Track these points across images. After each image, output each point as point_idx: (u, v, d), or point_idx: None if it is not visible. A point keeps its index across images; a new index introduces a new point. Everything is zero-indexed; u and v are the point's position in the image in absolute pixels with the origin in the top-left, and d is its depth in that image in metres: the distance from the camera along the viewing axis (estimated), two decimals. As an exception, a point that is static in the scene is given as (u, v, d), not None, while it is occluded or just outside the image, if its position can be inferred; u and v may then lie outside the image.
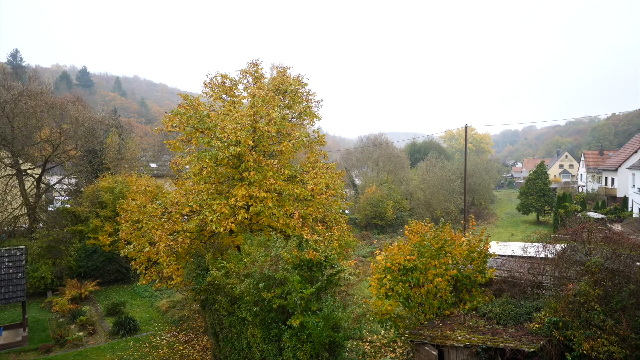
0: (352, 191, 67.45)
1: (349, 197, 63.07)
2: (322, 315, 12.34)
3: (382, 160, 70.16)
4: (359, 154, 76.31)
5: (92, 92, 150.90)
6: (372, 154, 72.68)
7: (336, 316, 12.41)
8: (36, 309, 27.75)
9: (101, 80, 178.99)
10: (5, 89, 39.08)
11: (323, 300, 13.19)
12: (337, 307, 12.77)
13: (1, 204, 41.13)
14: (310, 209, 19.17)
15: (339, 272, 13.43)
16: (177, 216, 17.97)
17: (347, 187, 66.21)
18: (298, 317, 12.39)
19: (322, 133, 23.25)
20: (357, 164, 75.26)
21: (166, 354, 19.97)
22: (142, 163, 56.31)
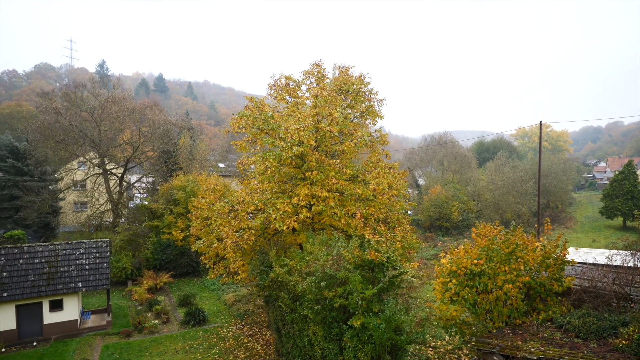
0: (415, 191, 65.82)
1: (412, 198, 61.60)
2: (384, 317, 12.14)
3: (447, 160, 67.70)
4: (423, 153, 74.30)
5: (167, 97, 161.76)
6: (437, 154, 70.40)
7: (398, 319, 12.15)
8: (118, 296, 30.32)
9: (175, 86, 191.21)
10: (94, 97, 43.14)
11: (385, 302, 12.98)
12: (399, 310, 12.50)
13: (90, 200, 45.50)
14: (372, 209, 18.97)
15: (402, 274, 13.13)
16: (243, 214, 18.66)
17: (410, 187, 64.73)
18: (359, 317, 12.30)
19: (384, 132, 22.92)
20: (420, 163, 73.34)
21: (232, 345, 20.83)
22: (211, 163, 59.30)
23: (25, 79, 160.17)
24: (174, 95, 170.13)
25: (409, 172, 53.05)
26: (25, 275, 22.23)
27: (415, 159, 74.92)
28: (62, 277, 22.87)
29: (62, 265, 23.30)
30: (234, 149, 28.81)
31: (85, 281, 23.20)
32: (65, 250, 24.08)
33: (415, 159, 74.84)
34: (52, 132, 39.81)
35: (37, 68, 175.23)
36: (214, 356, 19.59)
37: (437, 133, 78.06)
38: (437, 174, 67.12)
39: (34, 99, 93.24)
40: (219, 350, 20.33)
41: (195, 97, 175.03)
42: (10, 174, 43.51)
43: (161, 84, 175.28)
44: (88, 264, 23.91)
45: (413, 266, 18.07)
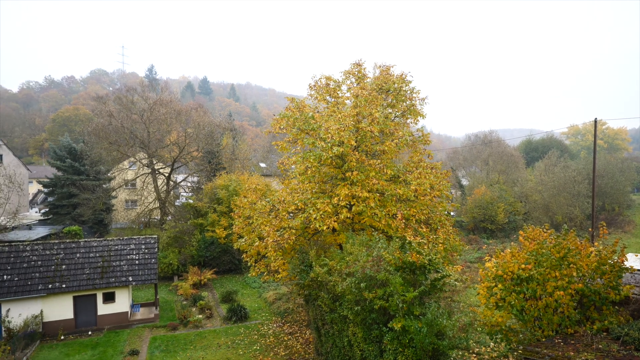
0: (458, 192, 63.99)
1: (455, 199, 59.92)
2: (425, 321, 11.89)
3: (493, 160, 65.27)
4: (466, 152, 72.12)
5: (211, 98, 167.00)
6: (481, 153, 68.08)
7: (440, 323, 11.86)
8: (165, 291, 31.62)
9: (219, 88, 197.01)
10: (144, 100, 45.24)
11: (426, 305, 12.70)
12: (441, 314, 12.19)
13: (139, 198, 47.78)
14: (414, 210, 18.62)
15: (444, 277, 12.80)
16: (284, 213, 18.90)
17: (453, 187, 63.00)
18: (400, 320, 12.11)
19: (426, 131, 22.44)
20: (464, 163, 71.23)
21: (272, 343, 21.15)
22: (253, 163, 60.55)
23: (82, 84, 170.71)
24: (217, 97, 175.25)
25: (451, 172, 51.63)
26: (82, 269, 23.68)
27: (458, 159, 72.80)
28: (114, 271, 24.16)
29: (115, 260, 24.62)
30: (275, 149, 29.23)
31: (135, 275, 24.39)
32: (117, 246, 25.43)
33: (459, 159, 72.72)
34: (105, 133, 42.17)
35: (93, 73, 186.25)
36: (255, 353, 19.98)
37: (482, 132, 75.49)
38: (481, 174, 64.89)
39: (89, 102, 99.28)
40: (260, 347, 20.71)
41: (238, 99, 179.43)
42: (69, 173, 46.56)
43: (205, 86, 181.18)
44: (138, 259, 25.11)
45: (456, 269, 17.57)
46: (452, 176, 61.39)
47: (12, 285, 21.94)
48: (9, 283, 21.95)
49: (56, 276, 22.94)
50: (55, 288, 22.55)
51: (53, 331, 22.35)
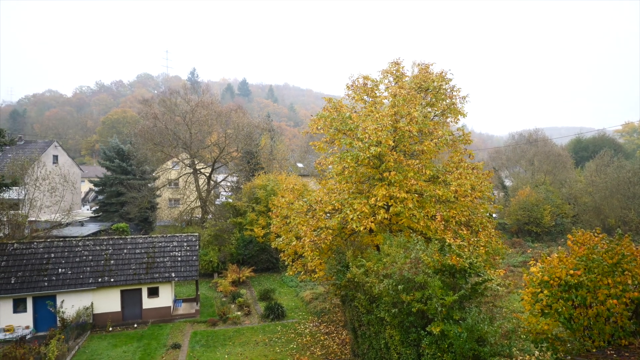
0: (501, 193, 61.74)
1: (498, 200, 57.83)
2: (466, 326, 11.53)
3: (538, 160, 62.46)
4: (510, 152, 69.46)
5: (250, 100, 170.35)
6: (526, 153, 65.33)
7: (481, 329, 11.46)
8: (205, 287, 32.56)
9: (257, 89, 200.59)
10: (186, 102, 46.82)
11: (467, 309, 12.33)
12: (482, 319, 11.79)
13: (182, 197, 49.48)
14: (454, 211, 18.13)
15: (486, 281, 12.37)
16: (321, 213, 18.96)
17: (496, 188, 60.81)
18: (439, 324, 11.83)
19: (467, 131, 21.82)
20: (507, 163, 68.65)
21: (309, 342, 21.27)
22: (291, 163, 61.19)
23: (130, 87, 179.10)
24: (256, 98, 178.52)
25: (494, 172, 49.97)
26: (128, 264, 24.82)
27: (501, 159, 70.25)
28: (158, 267, 25.15)
29: (158, 256, 25.62)
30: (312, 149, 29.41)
31: (178, 272, 25.27)
32: (161, 243, 26.46)
33: (502, 159, 70.16)
34: (150, 135, 44.00)
35: (139, 77, 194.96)
36: (292, 351, 20.16)
37: (527, 130, 72.46)
38: (526, 174, 62.26)
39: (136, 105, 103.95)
40: (297, 345, 20.88)
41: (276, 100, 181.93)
42: (117, 173, 48.97)
43: (245, 88, 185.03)
44: (180, 256, 26.01)
45: (498, 273, 16.96)
46: (495, 177, 59.25)
47: (66, 278, 23.34)
48: (63, 276, 23.38)
49: (105, 270, 24.18)
50: (105, 282, 23.77)
51: (102, 322, 23.57)
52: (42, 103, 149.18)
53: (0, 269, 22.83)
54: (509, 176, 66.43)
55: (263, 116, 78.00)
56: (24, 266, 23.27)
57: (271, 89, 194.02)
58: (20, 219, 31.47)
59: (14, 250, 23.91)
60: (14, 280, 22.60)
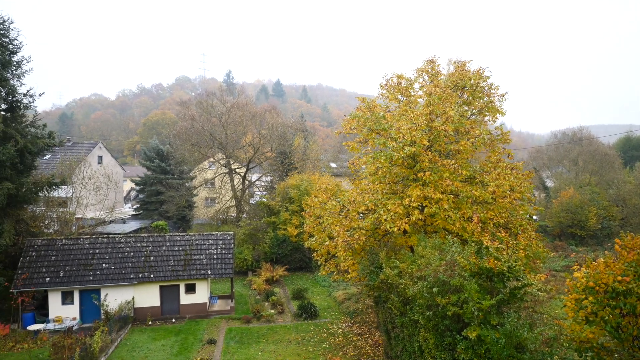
0: (542, 194, 59.32)
1: (539, 202, 55.59)
2: (503, 332, 11.17)
3: (583, 159, 59.52)
4: (552, 151, 66.59)
5: (284, 100, 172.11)
6: (569, 152, 62.43)
7: (520, 335, 11.06)
8: (240, 285, 33.19)
9: (291, 90, 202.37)
10: (222, 103, 47.92)
11: (505, 315, 11.93)
12: (521, 325, 11.37)
13: (218, 197, 50.66)
14: (491, 212, 17.59)
15: (525, 285, 11.92)
16: (354, 214, 18.89)
17: (536, 189, 58.46)
18: (475, 329, 11.51)
19: (505, 129, 21.11)
20: (548, 163, 65.88)
21: (341, 342, 21.25)
22: (324, 163, 61.35)
23: (168, 90, 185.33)
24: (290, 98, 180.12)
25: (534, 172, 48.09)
26: (167, 261, 25.70)
27: (542, 158, 67.47)
28: (195, 264, 25.89)
29: (195, 254, 26.37)
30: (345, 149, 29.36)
31: (214, 269, 25.91)
32: (197, 241, 27.21)
33: (543, 158, 67.38)
34: (188, 136, 45.35)
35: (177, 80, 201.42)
36: (324, 351, 20.20)
37: (570, 128, 69.15)
38: (569, 175, 59.51)
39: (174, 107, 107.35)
40: (329, 345, 20.91)
41: (309, 100, 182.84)
42: (157, 173, 50.78)
43: (278, 88, 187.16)
44: (216, 254, 26.66)
45: (539, 278, 16.28)
46: (535, 177, 56.98)
47: (109, 273, 24.46)
48: (107, 271, 24.50)
49: (145, 267, 25.13)
50: (145, 277, 24.72)
51: (142, 316, 24.51)
52: (88, 106, 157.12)
53: (50, 263, 24.22)
54: (550, 177, 63.72)
55: (296, 116, 78.60)
56: (72, 261, 24.57)
57: (305, 89, 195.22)
58: (68, 216, 33.25)
59: (62, 245, 25.29)
60: (63, 274, 23.91)
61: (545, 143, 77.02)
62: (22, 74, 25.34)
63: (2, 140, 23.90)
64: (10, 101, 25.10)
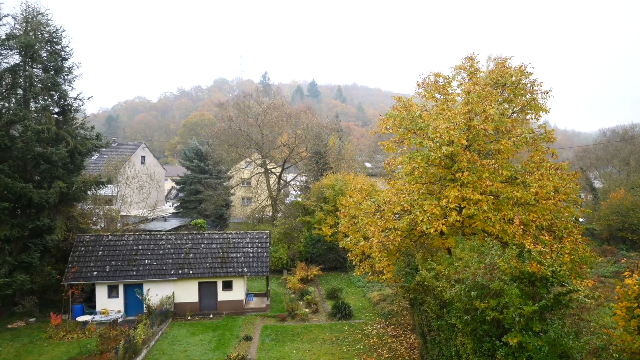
0: (589, 196, 56.35)
1: (586, 203, 52.85)
2: (547, 339, 10.71)
3: (635, 159, 56.05)
4: (600, 151, 63.16)
5: (319, 100, 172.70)
6: (620, 151, 58.98)
7: (565, 343, 10.57)
8: (275, 283, 33.63)
9: (326, 90, 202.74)
10: (258, 104, 48.73)
11: (548, 321, 11.44)
12: (567, 333, 10.86)
13: (254, 196, 51.55)
14: (534, 214, 16.90)
15: (571, 291, 11.37)
16: (389, 214, 18.68)
17: (583, 191, 55.59)
18: (516, 335, 11.10)
19: (549, 128, 20.21)
20: (596, 163, 62.52)
21: (376, 343, 21.08)
22: (359, 163, 61.09)
23: (207, 92, 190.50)
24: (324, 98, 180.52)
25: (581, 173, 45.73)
26: (205, 258, 26.43)
27: (589, 158, 64.12)
28: (232, 262, 26.48)
29: (232, 252, 26.97)
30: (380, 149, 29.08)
31: (250, 267, 26.40)
32: (234, 239, 27.82)
33: (590, 158, 64.02)
34: (226, 136, 46.45)
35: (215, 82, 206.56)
36: (359, 351, 20.11)
37: (621, 126, 65.31)
38: (619, 175, 56.17)
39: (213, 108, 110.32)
40: (363, 346, 20.80)
41: (344, 100, 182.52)
42: (196, 172, 52.35)
43: (313, 89, 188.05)
44: (252, 252, 27.15)
45: (586, 284, 15.52)
46: (582, 178, 54.20)
47: (151, 269, 25.45)
48: (149, 266, 25.51)
49: (185, 263, 25.97)
50: (184, 274, 25.54)
51: (181, 311, 25.33)
52: (132, 108, 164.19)
53: (98, 258, 25.50)
54: (598, 177, 60.43)
55: (331, 116, 78.70)
56: (117, 256, 25.77)
57: (339, 89, 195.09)
58: (114, 213, 34.89)
59: (108, 241, 26.57)
60: (109, 268, 25.12)
61: (593, 142, 73.11)
62: (72, 79, 26.87)
63: (54, 142, 25.42)
64: (62, 105, 26.66)
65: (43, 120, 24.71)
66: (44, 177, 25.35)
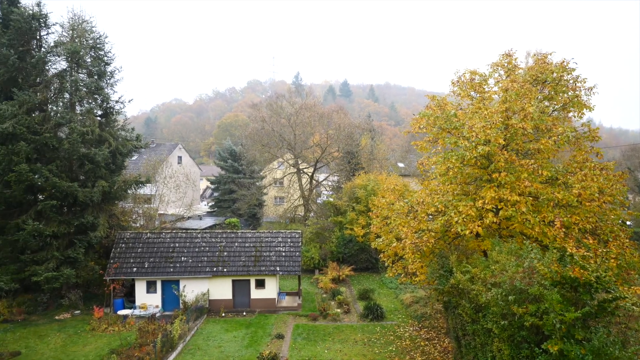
0: (637, 198, 53.27)
1: (633, 206, 49.98)
2: (590, 348, 10.23)
3: (689, 159, 52.48)
4: (650, 150, 59.53)
5: (351, 100, 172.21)
6: (672, 150, 55.37)
7: (611, 353, 10.05)
8: (306, 282, 33.81)
9: (358, 90, 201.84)
10: (291, 105, 49.14)
11: (592, 329, 10.92)
12: (612, 342, 10.32)
13: (286, 196, 52.05)
14: (576, 217, 16.15)
15: (617, 298, 10.79)
16: (423, 215, 18.38)
17: (631, 192, 52.61)
18: (557, 342, 10.67)
19: (593, 126, 19.24)
20: (646, 163, 58.96)
21: (408, 346, 20.79)
22: (391, 163, 60.44)
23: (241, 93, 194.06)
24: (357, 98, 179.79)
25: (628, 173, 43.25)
26: (239, 256, 26.93)
27: (638, 157, 60.62)
28: (264, 260, 26.84)
29: (265, 251, 27.33)
30: (413, 148, 28.68)
31: (282, 266, 26.68)
32: (267, 238, 28.19)
33: (639, 158, 60.51)
34: (259, 137, 47.14)
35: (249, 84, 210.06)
36: (391, 354, 19.91)
37: (674, 124, 61.37)
38: (672, 176, 52.71)
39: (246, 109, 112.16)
40: (396, 348, 20.56)
41: (377, 99, 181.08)
42: (230, 172, 53.46)
43: (345, 89, 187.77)
44: (284, 252, 27.42)
45: (634, 291, 14.65)
46: (630, 178, 51.27)
47: (187, 266, 26.20)
48: (185, 264, 26.28)
49: (219, 261, 26.56)
50: (218, 271, 26.13)
51: (216, 308, 25.93)
52: (170, 110, 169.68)
53: (137, 255, 26.51)
54: (648, 178, 56.99)
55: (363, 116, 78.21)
56: (155, 253, 26.69)
57: (372, 88, 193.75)
58: (152, 211, 36.16)
59: (147, 239, 27.57)
60: (147, 264, 26.07)
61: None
62: (114, 83, 28.10)
63: (97, 143, 26.66)
64: (104, 108, 27.93)
65: (87, 123, 25.95)
66: (88, 177, 26.64)
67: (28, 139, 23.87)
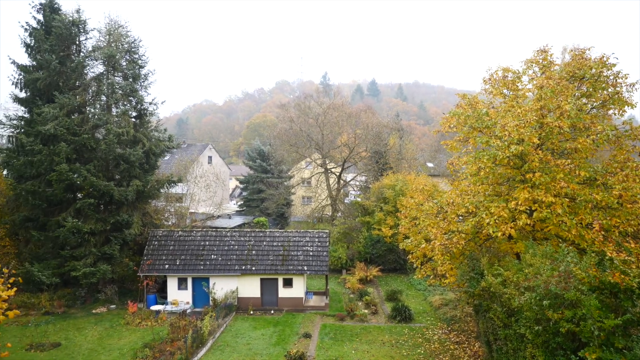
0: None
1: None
2: (632, 357, 9.76)
3: None
4: (698, 149, 56.04)
5: (379, 100, 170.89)
6: None
7: (655, 363, 9.54)
8: (334, 282, 33.79)
9: (386, 89, 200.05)
10: (318, 105, 49.27)
11: (633, 338, 10.40)
12: (656, 352, 9.80)
13: (314, 195, 52.23)
14: (617, 219, 15.44)
15: (662, 306, 10.24)
16: (453, 216, 18.02)
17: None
18: (595, 350, 10.23)
19: (636, 124, 18.33)
20: (693, 163, 55.54)
21: (437, 349, 20.43)
22: (420, 162, 59.58)
23: (269, 94, 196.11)
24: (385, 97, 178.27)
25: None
26: (267, 255, 27.23)
27: (685, 157, 57.21)
28: (292, 260, 27.02)
29: (293, 250, 27.52)
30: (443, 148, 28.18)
31: (309, 265, 26.78)
32: (295, 238, 28.37)
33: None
34: (287, 137, 47.52)
35: (277, 84, 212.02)
36: (419, 356, 19.63)
37: None
38: None
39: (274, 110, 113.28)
40: (424, 351, 20.25)
41: (405, 98, 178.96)
42: (258, 172, 54.14)
43: (373, 88, 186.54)
44: (312, 251, 27.52)
45: (680, 299, 13.84)
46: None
47: (217, 264, 26.72)
48: (215, 261, 26.81)
49: (248, 259, 26.94)
50: (247, 269, 26.51)
51: (244, 305, 26.31)
52: (200, 111, 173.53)
53: (169, 252, 27.26)
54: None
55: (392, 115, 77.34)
56: (186, 251, 27.37)
57: (400, 87, 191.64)
58: (184, 210, 37.09)
59: (179, 237, 28.30)
60: (179, 262, 26.76)
61: (690, 139, 64.91)
62: (148, 85, 29.04)
63: (132, 144, 27.58)
64: (139, 109, 28.87)
65: (123, 124, 26.91)
66: (123, 176, 27.61)
67: (68, 140, 25.00)
